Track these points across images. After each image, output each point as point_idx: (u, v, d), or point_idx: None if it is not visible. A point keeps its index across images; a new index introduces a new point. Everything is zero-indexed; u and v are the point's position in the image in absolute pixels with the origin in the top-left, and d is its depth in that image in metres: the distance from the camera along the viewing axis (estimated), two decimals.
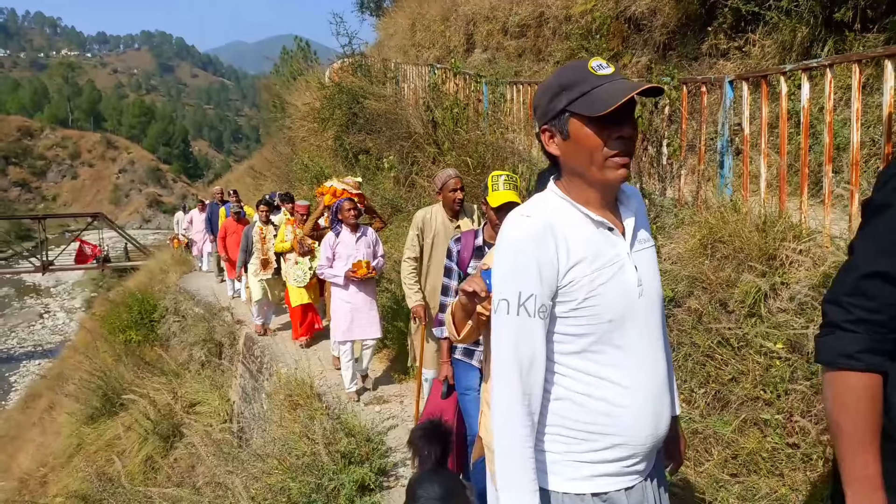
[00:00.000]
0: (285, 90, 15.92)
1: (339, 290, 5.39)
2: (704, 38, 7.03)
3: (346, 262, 5.36)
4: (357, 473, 3.85)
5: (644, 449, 1.51)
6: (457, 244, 3.30)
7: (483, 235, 3.26)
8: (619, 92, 1.43)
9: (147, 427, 7.75)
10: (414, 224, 4.44)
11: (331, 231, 5.55)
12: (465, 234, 3.33)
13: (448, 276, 3.32)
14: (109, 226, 30.56)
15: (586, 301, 1.46)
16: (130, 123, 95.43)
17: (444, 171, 4.37)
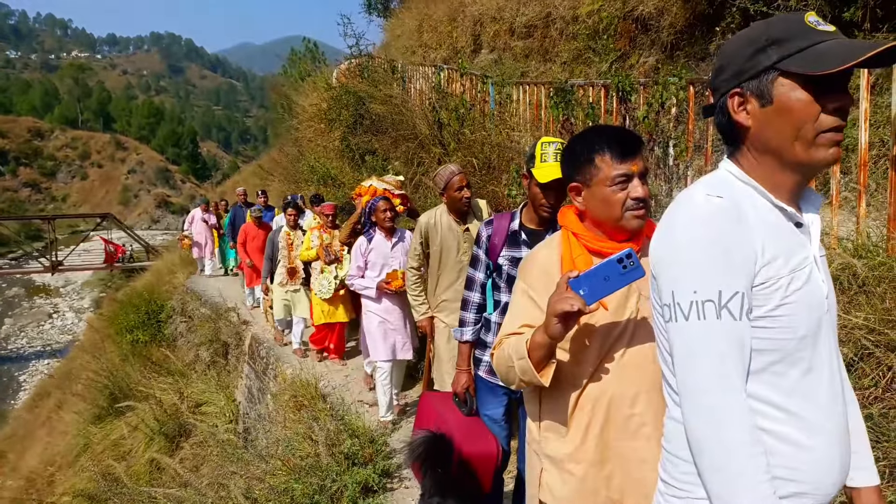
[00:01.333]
0: (293, 91, 15.96)
1: (370, 303, 4.83)
2: (712, 38, 6.98)
3: (379, 271, 4.79)
4: (360, 475, 3.84)
5: (827, 500, 1.24)
6: (487, 228, 2.72)
7: (520, 218, 2.66)
8: (855, 49, 1.12)
9: (153, 427, 7.77)
10: (417, 231, 3.97)
11: (362, 236, 4.90)
12: (497, 217, 2.75)
13: (474, 267, 2.77)
14: (118, 226, 30.72)
15: (779, 309, 1.18)
16: (139, 124, 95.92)
17: (444, 169, 3.80)
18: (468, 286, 2.80)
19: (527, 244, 2.58)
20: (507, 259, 2.62)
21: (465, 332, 2.79)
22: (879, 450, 2.35)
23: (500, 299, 2.68)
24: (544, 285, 1.72)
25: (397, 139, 9.37)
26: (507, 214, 2.71)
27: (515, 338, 1.75)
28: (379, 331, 4.78)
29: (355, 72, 12.09)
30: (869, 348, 2.58)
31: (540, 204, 2.53)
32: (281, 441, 4.57)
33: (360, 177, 9.80)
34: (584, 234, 1.77)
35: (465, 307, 2.80)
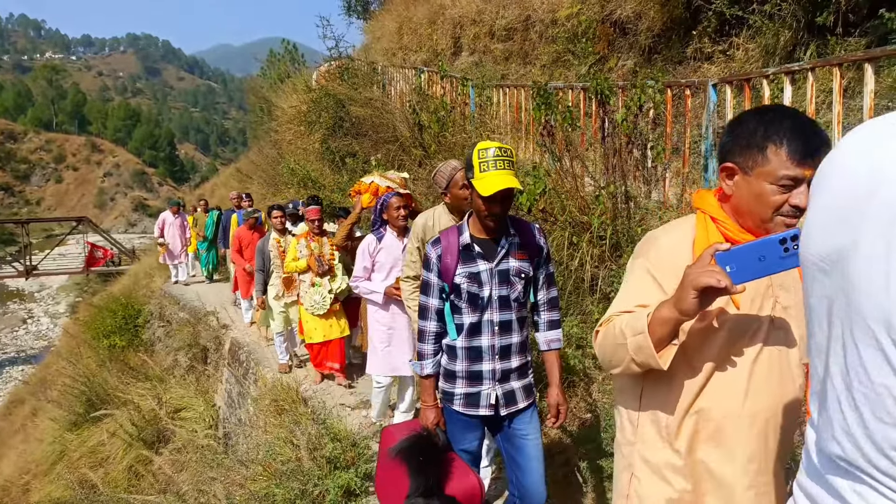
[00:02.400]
0: (272, 93, 15.86)
1: (376, 310, 4.35)
2: (689, 41, 7.08)
3: (387, 274, 4.29)
4: (342, 479, 3.82)
5: None
6: (436, 248, 2.46)
7: (469, 230, 2.46)
8: None
9: (131, 433, 7.66)
10: (413, 234, 3.55)
11: (371, 234, 4.41)
12: (444, 233, 2.51)
13: (426, 294, 2.50)
14: (94, 230, 30.26)
15: None
16: (116, 126, 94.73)
17: (446, 165, 3.42)
18: (422, 315, 2.53)
19: (482, 256, 2.43)
20: (465, 276, 2.41)
21: (426, 366, 2.54)
22: None
23: (463, 322, 2.46)
24: (671, 268, 1.52)
25: (378, 141, 9.36)
26: (453, 229, 2.50)
27: (630, 314, 1.53)
28: (382, 342, 4.33)
29: (335, 74, 12.05)
30: None
31: (485, 216, 2.36)
32: (261, 446, 4.54)
33: (340, 179, 9.78)
34: (725, 222, 1.54)
35: (422, 338, 2.54)
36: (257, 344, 7.59)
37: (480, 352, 2.46)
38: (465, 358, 2.47)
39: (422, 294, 2.51)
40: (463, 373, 2.48)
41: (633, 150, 5.14)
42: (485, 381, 2.48)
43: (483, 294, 2.41)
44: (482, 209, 2.35)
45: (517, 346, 2.50)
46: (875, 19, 5.15)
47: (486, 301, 2.42)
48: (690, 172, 4.81)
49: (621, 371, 1.55)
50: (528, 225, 2.54)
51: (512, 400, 2.50)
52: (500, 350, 2.46)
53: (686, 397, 1.53)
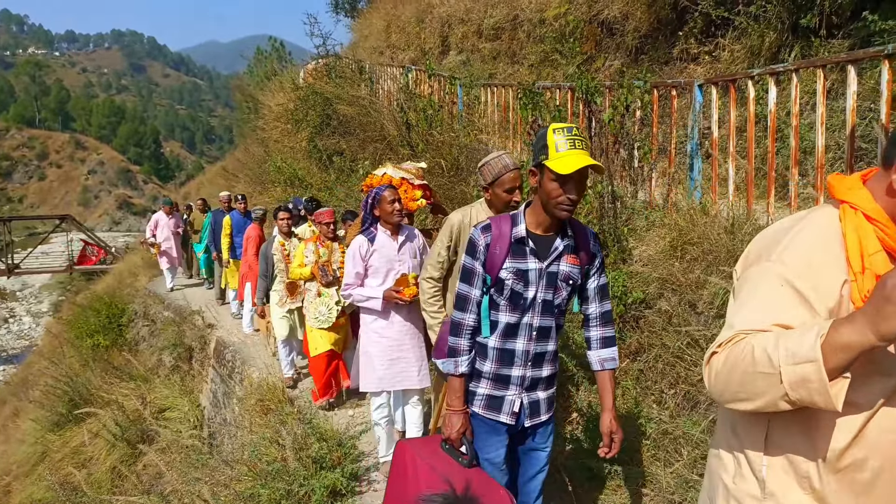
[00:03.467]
0: (259, 91, 15.78)
1: (373, 319, 3.82)
2: (675, 42, 7.12)
3: (383, 279, 3.81)
4: (328, 479, 3.80)
5: None
6: (485, 235, 2.22)
7: (525, 223, 2.22)
8: None
9: (115, 433, 7.58)
10: (446, 231, 3.18)
11: (360, 235, 3.88)
12: (495, 220, 2.26)
13: (468, 282, 2.27)
14: (78, 228, 29.93)
15: None
16: (100, 123, 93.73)
17: (497, 159, 3.04)
18: (460, 306, 2.28)
19: (534, 253, 2.20)
20: (512, 272, 2.19)
21: (460, 363, 2.30)
22: None
23: (499, 320, 2.26)
24: (818, 278, 1.24)
25: (365, 140, 9.33)
26: (505, 217, 2.26)
27: (775, 334, 1.20)
28: (380, 354, 3.79)
29: (322, 72, 12.00)
30: None
31: (559, 202, 2.09)
32: (247, 446, 4.50)
33: (327, 178, 9.73)
34: (885, 224, 1.26)
35: (458, 332, 2.29)
36: (243, 343, 7.55)
37: (513, 355, 2.27)
38: (496, 359, 2.29)
39: (462, 282, 2.28)
40: (490, 374, 2.31)
41: (620, 150, 5.15)
42: (511, 386, 2.29)
43: (527, 294, 2.21)
44: (555, 194, 2.09)
45: (551, 354, 2.33)
46: (858, 21, 5.20)
47: (529, 303, 2.22)
48: (676, 172, 4.83)
49: (756, 407, 1.22)
50: (584, 228, 2.32)
51: (536, 411, 2.35)
52: (533, 356, 2.28)
53: (839, 440, 1.24)
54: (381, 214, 3.81)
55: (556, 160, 2.06)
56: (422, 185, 4.21)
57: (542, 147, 2.11)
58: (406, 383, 3.84)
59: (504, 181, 2.98)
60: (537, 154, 2.13)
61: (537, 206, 2.19)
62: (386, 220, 3.81)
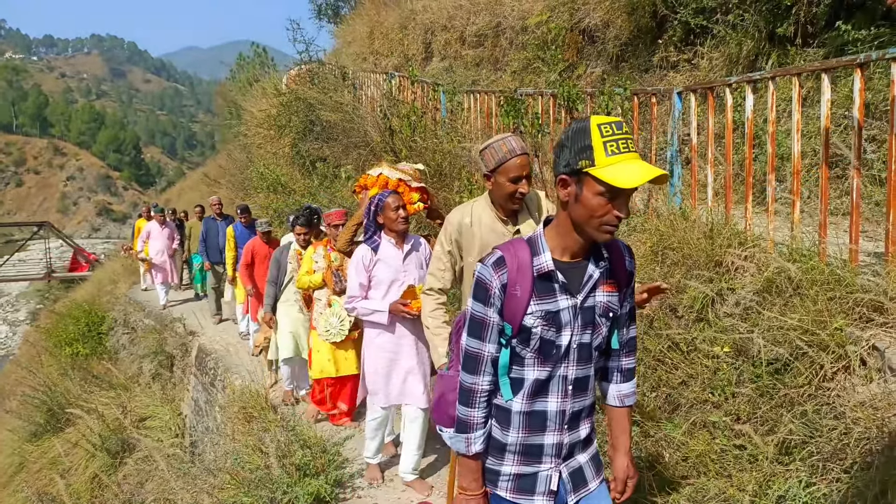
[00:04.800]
0: (241, 96, 15.71)
1: (377, 333, 3.62)
2: (655, 50, 7.22)
3: (386, 291, 3.57)
4: (312, 486, 3.78)
5: None
6: (498, 272, 1.68)
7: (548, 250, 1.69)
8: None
9: (95, 443, 7.49)
10: (445, 235, 2.80)
11: (363, 244, 3.63)
12: (509, 249, 1.71)
13: (478, 336, 1.73)
14: (57, 235, 29.52)
15: None
16: (79, 129, 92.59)
17: (503, 142, 2.57)
18: (470, 367, 1.76)
19: (565, 289, 1.68)
20: (540, 316, 1.67)
21: (474, 440, 1.78)
22: (813, 445, 2.46)
23: (525, 377, 1.74)
24: None
25: (348, 146, 9.33)
26: (520, 244, 1.71)
27: None
28: (383, 368, 3.62)
29: (305, 78, 11.99)
30: (803, 348, 2.70)
31: (604, 223, 1.60)
32: (229, 454, 4.47)
33: (310, 184, 9.71)
34: None
35: (469, 400, 1.77)
36: (225, 351, 7.49)
37: (544, 419, 1.77)
38: (523, 426, 1.77)
39: (469, 336, 1.74)
40: (517, 446, 1.78)
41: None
42: (545, 458, 1.79)
43: (561, 341, 1.70)
44: (601, 212, 1.58)
45: (588, 409, 1.84)
46: (832, 31, 5.31)
47: (564, 351, 1.72)
48: None
49: None
50: (615, 242, 1.79)
51: (581, 481, 1.84)
52: (570, 416, 1.78)
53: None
54: (384, 221, 3.54)
55: (609, 168, 1.55)
56: (419, 187, 3.90)
57: (581, 148, 1.58)
58: (410, 399, 3.64)
59: (509, 168, 2.53)
60: (574, 157, 1.59)
61: (565, 227, 1.67)
62: (390, 229, 3.55)
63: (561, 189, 1.64)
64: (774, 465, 2.54)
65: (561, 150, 1.63)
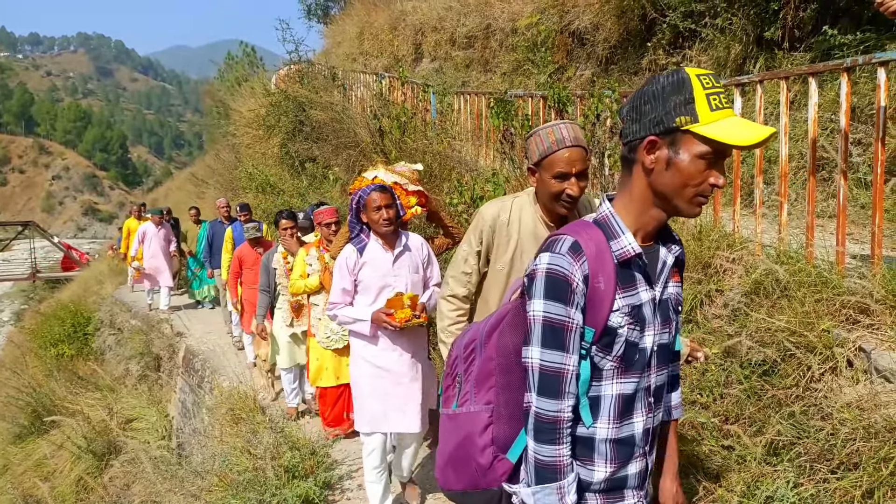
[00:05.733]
0: (230, 96, 15.62)
1: (364, 345, 3.22)
2: (644, 53, 7.25)
3: (375, 297, 3.19)
4: (301, 488, 3.76)
5: None
6: (577, 259, 1.34)
7: (624, 229, 1.39)
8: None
9: (80, 445, 7.41)
10: (475, 231, 2.34)
11: (349, 244, 3.28)
12: (577, 229, 1.39)
13: (559, 347, 1.35)
14: (42, 235, 29.22)
15: None
16: (65, 128, 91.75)
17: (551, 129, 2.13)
18: (550, 392, 1.34)
19: (645, 277, 1.40)
20: (626, 313, 1.36)
21: (568, 489, 1.37)
22: (801, 446, 2.48)
23: (606, 393, 1.40)
24: None
25: (338, 147, 9.31)
26: (586, 224, 1.40)
27: None
28: (370, 386, 3.17)
29: (295, 78, 11.95)
30: (791, 349, 2.73)
31: (699, 192, 1.32)
32: (217, 456, 4.44)
33: (299, 184, 9.67)
34: None
35: (555, 437, 1.35)
36: (213, 352, 7.44)
37: (632, 443, 1.43)
38: (612, 458, 1.41)
39: (546, 348, 1.34)
40: (603, 483, 1.43)
41: (591, 158, 5.23)
42: (627, 492, 1.45)
43: (645, 343, 1.40)
44: (698, 180, 1.31)
45: (660, 422, 1.55)
46: (819, 35, 5.37)
47: (648, 355, 1.42)
48: None
49: None
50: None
51: None
52: (651, 435, 1.48)
53: None
54: (368, 221, 3.20)
55: (715, 124, 1.27)
56: (417, 190, 3.61)
57: (680, 102, 1.29)
58: (401, 425, 3.18)
59: (555, 162, 2.10)
60: (669, 113, 1.30)
61: (643, 201, 1.38)
62: (375, 229, 3.19)
63: (646, 154, 1.34)
64: (762, 465, 2.55)
65: (645, 108, 1.34)
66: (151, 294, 9.79)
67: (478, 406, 1.51)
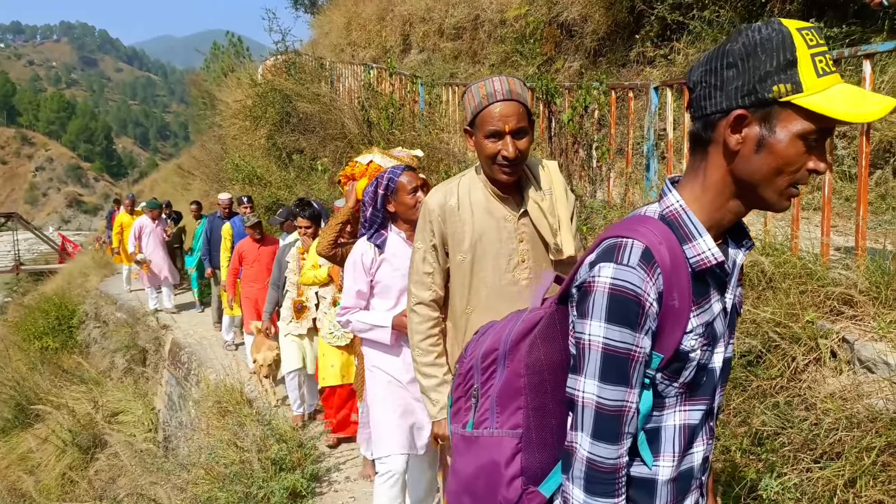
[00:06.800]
0: (216, 87, 15.48)
1: (377, 354, 2.76)
2: (632, 45, 7.26)
3: (395, 301, 2.74)
4: (288, 480, 3.76)
5: None
6: (650, 272, 1.04)
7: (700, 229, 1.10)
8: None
9: (65, 439, 7.36)
10: (425, 225, 2.07)
11: (363, 239, 2.80)
12: (643, 229, 1.09)
13: (621, 381, 1.06)
14: (25, 226, 28.88)
15: None
16: (48, 119, 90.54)
17: (478, 83, 1.90)
18: (609, 435, 1.07)
19: (720, 287, 1.15)
20: (700, 333, 1.11)
21: None
22: (785, 436, 2.51)
23: (664, 424, 1.15)
24: None
25: (325, 138, 9.25)
26: (652, 223, 1.11)
27: None
28: (393, 403, 2.70)
29: (282, 68, 11.85)
30: (775, 340, 2.75)
31: (794, 181, 1.05)
32: (204, 449, 4.42)
33: (287, 176, 9.61)
34: None
35: (612, 489, 1.09)
36: (199, 344, 7.40)
37: (690, 477, 1.20)
38: (670, 499, 1.18)
39: (604, 382, 1.05)
40: None
41: (579, 150, 5.23)
42: None
43: (714, 363, 1.17)
44: (797, 165, 1.04)
45: None
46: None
47: (717, 375, 1.19)
48: (633, 172, 4.93)
49: None
50: None
51: None
52: (708, 463, 1.26)
53: None
54: (397, 210, 2.68)
55: (824, 94, 1.00)
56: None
57: (780, 66, 1.00)
58: (421, 442, 2.72)
59: (486, 118, 1.85)
60: (763, 79, 1.01)
61: (722, 191, 1.10)
62: (406, 218, 2.68)
63: (730, 133, 1.04)
64: (746, 455, 2.58)
65: (728, 72, 1.03)
66: (155, 294, 9.17)
67: (502, 430, 1.26)
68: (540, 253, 2.00)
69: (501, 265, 1.98)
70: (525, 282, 1.99)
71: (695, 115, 1.10)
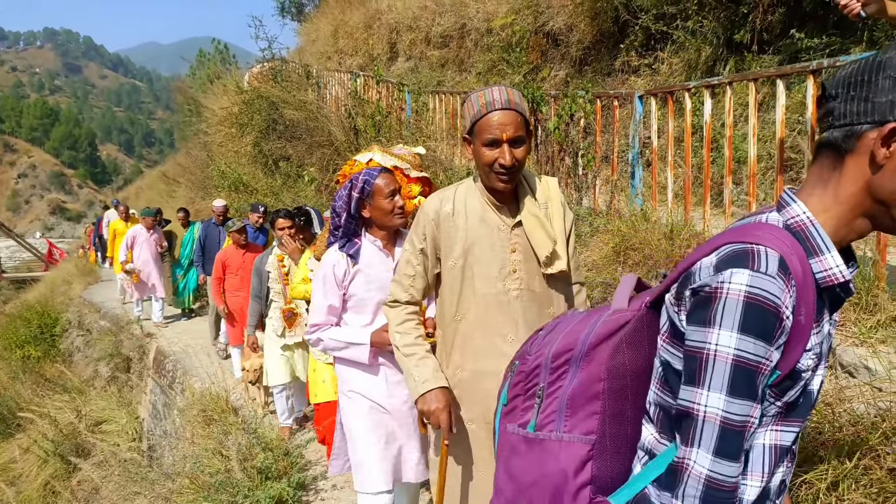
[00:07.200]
0: (201, 93, 15.42)
1: (354, 376, 2.50)
2: (617, 54, 7.33)
3: (373, 316, 2.50)
4: (274, 489, 3.73)
5: None
6: (787, 283, 0.99)
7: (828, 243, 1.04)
8: None
9: (47, 448, 7.25)
10: (419, 225, 2.04)
11: (334, 249, 2.53)
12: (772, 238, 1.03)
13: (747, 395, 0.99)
14: (7, 234, 28.51)
15: None
16: (31, 125, 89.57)
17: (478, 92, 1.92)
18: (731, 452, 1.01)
19: (833, 307, 1.11)
20: (815, 353, 1.07)
21: None
22: None
23: (756, 442, 1.10)
24: None
25: (312, 145, 9.24)
26: (780, 233, 1.05)
27: None
28: (374, 432, 2.45)
29: (268, 76, 11.83)
30: None
31: None
32: (189, 458, 4.38)
33: (273, 183, 9.58)
34: None
35: None
36: (184, 353, 7.33)
37: (765, 498, 1.15)
38: None
39: (733, 395, 0.99)
40: None
41: (565, 158, 5.27)
42: None
43: (814, 384, 1.11)
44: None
45: None
46: (787, 38, 5.48)
47: (814, 397, 1.14)
48: (619, 180, 4.97)
49: None
50: None
51: None
52: (785, 486, 1.19)
53: None
54: (373, 215, 2.45)
55: None
56: (420, 177, 2.96)
57: None
58: (409, 474, 2.50)
59: (484, 127, 1.85)
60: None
61: (854, 205, 1.04)
62: (382, 226, 2.47)
63: (880, 146, 0.99)
64: None
65: (884, 82, 0.98)
66: (140, 304, 8.93)
67: (572, 435, 1.20)
68: (532, 264, 1.96)
69: (492, 274, 1.95)
70: (515, 292, 1.94)
71: (832, 124, 1.04)
